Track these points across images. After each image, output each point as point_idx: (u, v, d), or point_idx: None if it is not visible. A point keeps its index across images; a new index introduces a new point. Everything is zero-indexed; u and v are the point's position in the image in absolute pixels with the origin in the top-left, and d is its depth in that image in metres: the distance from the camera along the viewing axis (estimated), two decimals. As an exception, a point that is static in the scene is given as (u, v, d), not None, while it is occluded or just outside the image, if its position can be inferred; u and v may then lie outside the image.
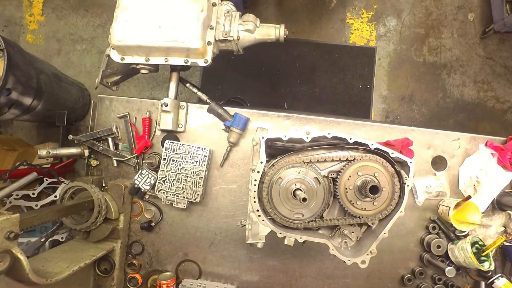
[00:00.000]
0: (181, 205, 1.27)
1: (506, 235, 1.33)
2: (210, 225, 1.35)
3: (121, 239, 1.28)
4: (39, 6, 2.61)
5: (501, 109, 2.59)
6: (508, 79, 2.58)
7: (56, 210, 1.03)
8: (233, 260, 1.36)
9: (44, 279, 0.92)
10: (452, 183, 1.35)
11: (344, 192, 1.04)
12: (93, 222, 1.17)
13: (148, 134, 1.31)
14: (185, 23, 1.14)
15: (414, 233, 1.35)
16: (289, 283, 1.38)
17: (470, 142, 1.36)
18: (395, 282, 1.37)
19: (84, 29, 2.61)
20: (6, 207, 1.41)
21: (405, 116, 2.57)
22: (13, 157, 1.95)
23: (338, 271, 1.37)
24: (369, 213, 1.05)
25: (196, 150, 1.26)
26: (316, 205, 1.05)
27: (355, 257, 1.01)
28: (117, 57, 1.21)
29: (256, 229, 1.03)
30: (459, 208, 1.25)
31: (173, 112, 1.27)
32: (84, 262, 1.09)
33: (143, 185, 1.29)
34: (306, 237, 1.03)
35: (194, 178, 1.26)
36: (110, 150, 1.32)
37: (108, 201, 1.21)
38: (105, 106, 1.35)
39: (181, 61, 1.19)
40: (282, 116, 1.34)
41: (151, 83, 2.60)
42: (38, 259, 1.09)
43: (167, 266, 1.37)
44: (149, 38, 1.14)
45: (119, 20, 1.15)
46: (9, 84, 1.62)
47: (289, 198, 1.04)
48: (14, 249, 0.85)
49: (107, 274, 1.28)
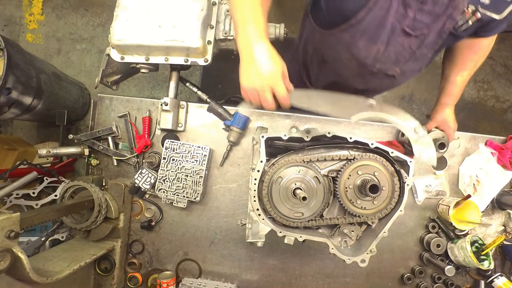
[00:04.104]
0: (181, 204, 1.27)
1: (506, 234, 1.33)
2: (210, 224, 1.36)
3: (121, 238, 1.28)
4: (39, 6, 2.60)
5: (501, 108, 2.59)
6: (508, 78, 2.58)
7: (56, 209, 1.03)
8: (233, 259, 1.37)
9: (44, 278, 0.92)
10: (452, 182, 1.35)
11: (344, 191, 1.04)
12: (93, 221, 1.17)
13: (148, 134, 1.31)
14: (185, 22, 1.14)
15: (413, 232, 1.36)
16: (289, 282, 1.38)
17: (470, 141, 1.36)
18: (395, 281, 1.37)
19: (84, 28, 2.60)
20: (7, 206, 1.41)
21: (405, 116, 2.56)
22: (13, 157, 1.95)
23: (338, 270, 1.37)
24: (369, 212, 1.05)
25: (196, 149, 1.26)
26: (316, 204, 1.05)
27: (355, 256, 1.02)
28: (117, 56, 1.21)
29: (256, 228, 1.04)
30: (459, 207, 1.25)
31: (173, 112, 1.27)
32: (85, 261, 1.09)
33: (143, 184, 1.30)
34: (306, 236, 1.03)
35: (194, 177, 1.26)
36: (110, 149, 1.33)
37: (108, 200, 1.21)
38: (105, 105, 1.35)
39: (181, 60, 1.19)
40: (282, 115, 1.34)
41: (151, 82, 2.60)
42: (39, 258, 1.09)
43: (167, 265, 1.37)
44: (149, 38, 1.14)
45: (119, 19, 1.15)
46: (9, 84, 1.62)
47: (289, 197, 1.04)
48: (14, 248, 0.85)
49: (107, 273, 1.28)
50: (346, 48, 0.99)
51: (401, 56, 0.96)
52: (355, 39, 0.93)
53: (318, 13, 1.07)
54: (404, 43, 0.92)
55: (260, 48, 0.80)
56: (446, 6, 0.82)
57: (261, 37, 0.80)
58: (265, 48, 0.80)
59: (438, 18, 0.85)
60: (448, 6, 0.82)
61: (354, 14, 0.87)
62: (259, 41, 0.80)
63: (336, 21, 0.94)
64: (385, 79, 1.08)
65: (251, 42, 0.80)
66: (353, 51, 0.98)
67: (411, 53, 0.95)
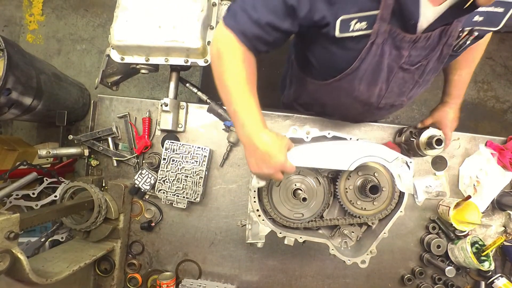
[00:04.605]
0: (181, 205, 1.27)
1: (506, 235, 1.33)
2: (210, 225, 1.35)
3: (121, 239, 1.28)
4: (39, 6, 2.61)
5: (501, 109, 2.59)
6: (508, 79, 2.58)
7: (56, 210, 1.03)
8: (233, 260, 1.36)
9: (44, 279, 0.92)
10: (452, 183, 1.35)
11: (344, 192, 1.04)
12: (93, 222, 1.17)
13: (148, 134, 1.31)
14: (185, 23, 1.14)
15: (414, 233, 1.35)
16: (289, 283, 1.38)
17: (470, 142, 1.36)
18: (395, 282, 1.37)
19: (84, 29, 2.60)
20: (6, 207, 1.41)
21: (405, 116, 2.57)
22: (13, 157, 1.95)
23: (338, 271, 1.37)
24: (369, 213, 1.05)
25: (196, 150, 1.26)
26: (316, 205, 1.05)
27: (355, 257, 1.02)
28: (117, 57, 1.21)
29: (256, 229, 1.03)
30: (459, 208, 1.25)
31: (173, 112, 1.27)
32: (84, 262, 1.09)
33: (143, 185, 1.29)
34: (306, 237, 1.03)
35: (194, 178, 1.26)
36: (110, 150, 1.32)
37: (108, 201, 1.21)
38: (105, 106, 1.35)
39: (181, 61, 1.19)
40: (282, 116, 1.34)
41: (151, 83, 2.60)
42: (38, 259, 1.09)
43: (167, 266, 1.37)
44: (149, 38, 1.14)
45: (119, 20, 1.15)
46: (9, 84, 1.62)
47: (289, 198, 1.04)
48: (14, 249, 0.85)
49: (107, 274, 1.28)
50: (346, 93, 0.98)
51: (405, 87, 0.95)
52: (354, 85, 0.93)
53: (309, 67, 1.05)
54: (405, 77, 0.91)
55: (261, 139, 0.81)
56: (439, 37, 0.80)
57: (259, 128, 0.82)
58: (266, 138, 0.81)
59: (434, 49, 0.83)
60: (441, 36, 0.80)
61: (349, 66, 0.86)
62: (258, 132, 0.81)
63: (331, 74, 0.93)
64: (392, 109, 1.08)
65: (251, 136, 0.81)
66: (355, 95, 0.97)
67: (414, 82, 0.94)
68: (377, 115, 1.22)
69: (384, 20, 0.74)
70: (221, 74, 0.83)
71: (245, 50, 0.83)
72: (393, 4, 0.72)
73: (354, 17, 0.75)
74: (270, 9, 0.76)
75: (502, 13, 0.80)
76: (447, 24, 0.77)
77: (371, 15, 0.75)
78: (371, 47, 0.80)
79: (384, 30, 0.76)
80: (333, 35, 0.78)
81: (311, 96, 1.23)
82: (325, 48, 0.87)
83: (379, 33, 0.77)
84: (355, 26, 0.77)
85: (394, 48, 0.82)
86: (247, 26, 0.79)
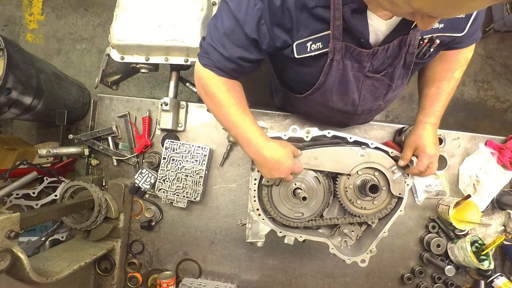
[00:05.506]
0: (181, 204, 1.27)
1: (506, 234, 1.33)
2: (210, 224, 1.36)
3: (121, 238, 1.28)
4: (39, 6, 2.60)
5: (501, 108, 2.59)
6: (508, 78, 2.58)
7: (56, 209, 1.03)
8: (233, 259, 1.37)
9: (44, 278, 0.92)
10: (452, 182, 1.35)
11: (344, 191, 1.04)
12: (93, 221, 1.17)
13: (148, 133, 1.31)
14: (185, 22, 1.14)
15: (413, 232, 1.36)
16: (289, 282, 1.38)
17: (470, 141, 1.36)
18: (395, 281, 1.37)
19: (84, 28, 2.60)
20: (7, 206, 1.41)
21: (405, 116, 2.57)
22: (13, 157, 1.95)
23: (338, 270, 1.37)
24: (369, 212, 1.05)
25: (196, 149, 1.26)
26: (316, 204, 1.05)
27: (355, 256, 1.02)
28: (117, 56, 1.21)
29: (256, 228, 1.04)
30: (458, 207, 1.25)
31: (173, 111, 1.27)
32: (85, 261, 1.09)
33: (143, 184, 1.30)
34: (306, 236, 1.03)
35: (194, 177, 1.26)
36: (110, 149, 1.33)
37: (108, 200, 1.21)
38: (105, 105, 1.35)
39: (181, 60, 1.19)
40: (282, 115, 1.34)
41: (151, 82, 2.60)
42: (39, 258, 1.09)
43: (167, 265, 1.37)
44: (149, 37, 1.14)
45: (119, 19, 1.15)
46: (9, 84, 1.62)
47: (289, 197, 1.04)
48: (14, 248, 0.85)
49: (108, 273, 1.28)
50: (323, 104, 1.02)
51: (377, 93, 0.96)
52: (326, 97, 0.96)
53: (285, 82, 1.11)
54: (374, 83, 0.92)
55: (268, 150, 0.90)
56: (399, 47, 0.80)
57: (263, 142, 0.91)
58: (272, 149, 0.91)
59: (397, 57, 0.83)
60: (401, 46, 0.80)
61: (316, 81, 0.90)
62: (264, 146, 0.90)
63: (304, 88, 0.98)
64: (373, 112, 1.09)
65: (259, 151, 0.91)
66: (331, 105, 1.00)
67: (386, 87, 0.94)
68: (359, 120, 1.22)
69: (337, 38, 0.77)
70: (214, 107, 0.92)
71: (226, 80, 0.89)
72: (342, 24, 0.74)
73: (308, 40, 0.79)
74: (237, 45, 0.82)
75: (464, 18, 0.80)
76: (404, 34, 0.78)
77: (324, 35, 0.78)
78: (332, 63, 0.83)
79: (340, 48, 0.79)
80: (293, 57, 0.83)
81: (294, 106, 1.28)
82: (291, 67, 0.93)
83: (335, 51, 0.80)
84: (311, 47, 0.81)
85: (355, 61, 0.84)
86: (221, 62, 0.85)
